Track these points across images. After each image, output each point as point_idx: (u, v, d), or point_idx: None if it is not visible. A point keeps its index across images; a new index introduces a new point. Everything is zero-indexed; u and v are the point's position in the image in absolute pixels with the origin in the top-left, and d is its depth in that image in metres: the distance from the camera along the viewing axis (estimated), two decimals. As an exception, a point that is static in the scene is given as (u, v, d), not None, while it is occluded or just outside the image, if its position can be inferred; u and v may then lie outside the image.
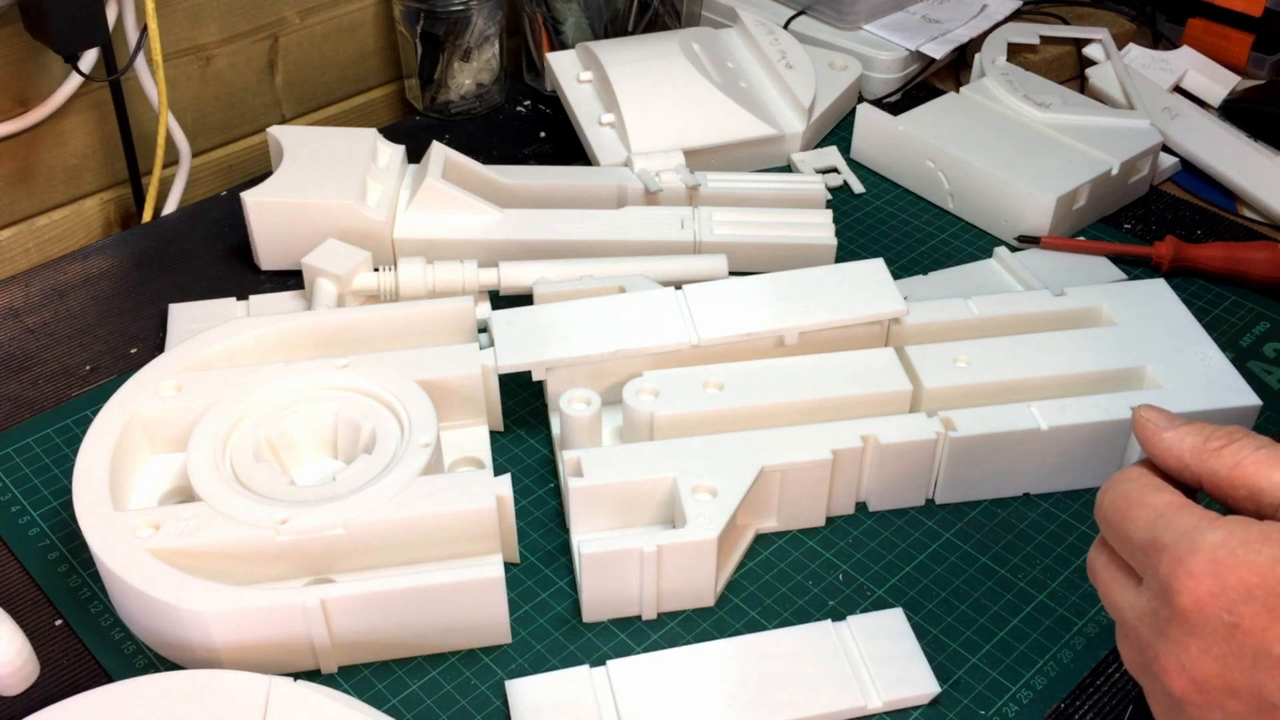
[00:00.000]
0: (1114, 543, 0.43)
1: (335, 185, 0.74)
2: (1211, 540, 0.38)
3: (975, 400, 0.63)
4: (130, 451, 0.59)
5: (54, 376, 0.70)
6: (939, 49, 0.94)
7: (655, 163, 0.80)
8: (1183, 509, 0.40)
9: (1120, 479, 0.43)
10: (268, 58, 0.92)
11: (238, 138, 0.93)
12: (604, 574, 0.55)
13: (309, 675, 0.54)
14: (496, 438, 0.66)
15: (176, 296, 0.75)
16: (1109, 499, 0.43)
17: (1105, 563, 0.44)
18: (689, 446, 0.59)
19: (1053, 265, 0.76)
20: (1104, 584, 0.43)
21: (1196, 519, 0.39)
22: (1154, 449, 0.43)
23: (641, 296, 0.66)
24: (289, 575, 0.55)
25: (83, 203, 0.87)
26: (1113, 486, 0.43)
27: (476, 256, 0.72)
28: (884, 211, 0.84)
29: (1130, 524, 0.41)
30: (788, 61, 0.89)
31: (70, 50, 0.77)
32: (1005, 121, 0.84)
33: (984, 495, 0.63)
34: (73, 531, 0.60)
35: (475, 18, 0.90)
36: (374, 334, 0.65)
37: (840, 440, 0.60)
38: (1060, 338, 0.65)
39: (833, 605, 0.58)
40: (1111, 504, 0.42)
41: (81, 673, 0.55)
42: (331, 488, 0.56)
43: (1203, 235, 0.82)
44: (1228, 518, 0.39)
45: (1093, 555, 0.45)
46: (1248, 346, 0.72)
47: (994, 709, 0.54)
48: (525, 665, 0.55)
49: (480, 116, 0.94)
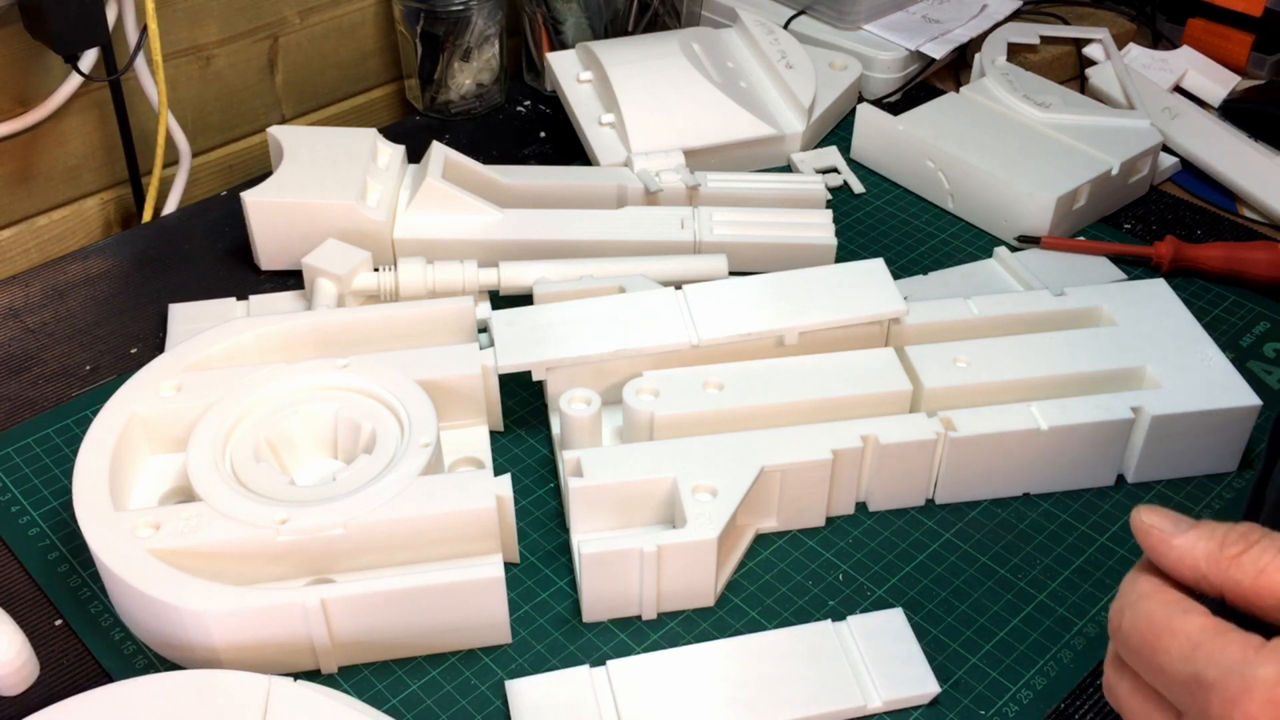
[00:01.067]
0: (1143, 673, 0.39)
1: (335, 185, 0.74)
2: (1265, 676, 0.35)
3: (975, 400, 0.63)
4: (130, 451, 0.59)
5: (54, 376, 0.70)
6: (939, 49, 0.94)
7: (655, 163, 0.80)
8: (1221, 637, 0.37)
9: (1137, 596, 0.39)
10: (268, 58, 0.92)
11: (238, 138, 0.93)
12: (604, 574, 0.55)
13: (309, 675, 0.54)
14: (496, 438, 0.66)
15: (176, 296, 0.75)
16: (1130, 623, 0.39)
17: (1131, 690, 0.40)
18: (689, 446, 0.59)
19: (1053, 265, 0.76)
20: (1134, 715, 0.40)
21: (1241, 650, 0.36)
22: (1164, 559, 0.39)
23: (641, 296, 0.66)
24: (289, 575, 0.55)
25: (83, 203, 0.87)
26: (1131, 606, 0.39)
27: (476, 256, 0.72)
28: (884, 211, 0.84)
29: (1163, 655, 0.38)
30: (788, 61, 0.89)
31: (70, 50, 0.77)
32: (1005, 121, 0.84)
33: (984, 495, 0.63)
34: (73, 531, 0.60)
35: (475, 18, 0.90)
36: (374, 334, 0.65)
37: (840, 440, 0.60)
38: (1060, 338, 0.65)
39: (833, 605, 0.58)
40: (1135, 630, 0.39)
41: (81, 673, 0.55)
42: (331, 488, 0.56)
43: (1203, 235, 0.82)
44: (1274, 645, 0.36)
45: (1111, 678, 0.41)
46: (1248, 346, 0.72)
47: (994, 709, 0.54)
48: (525, 665, 0.55)
49: (480, 116, 0.94)
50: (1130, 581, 0.41)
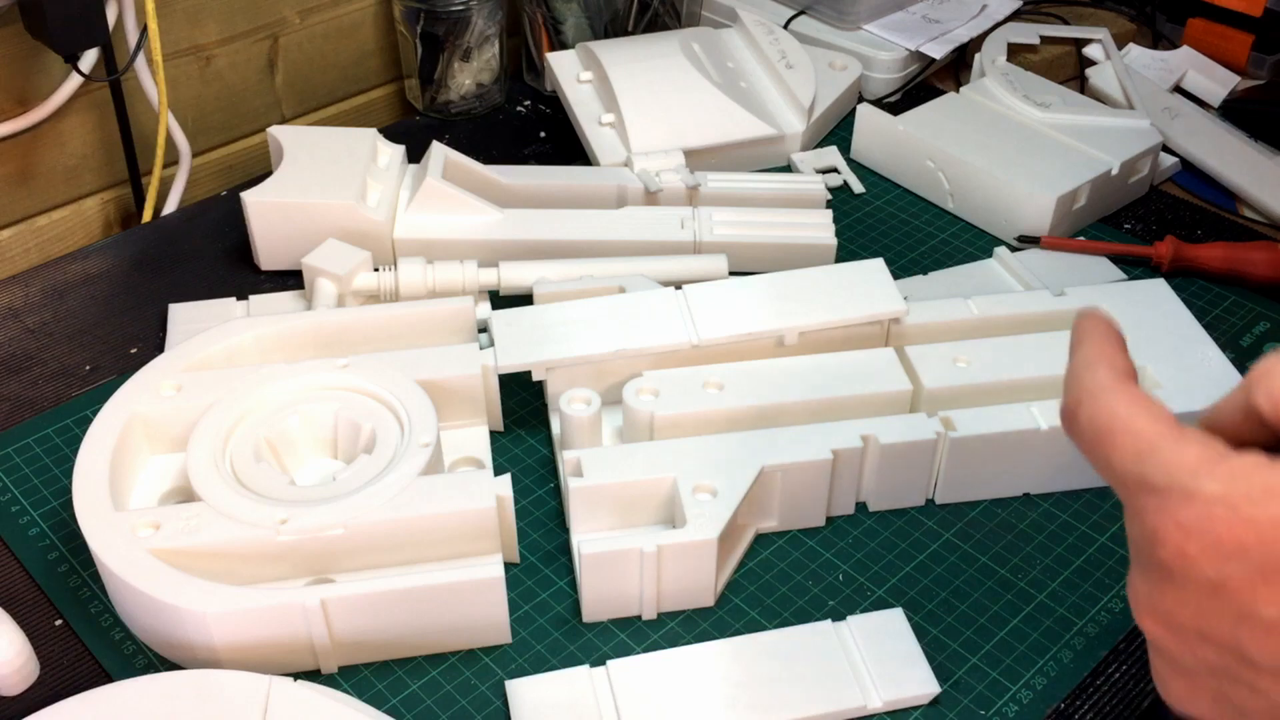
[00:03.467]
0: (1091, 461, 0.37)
1: (335, 185, 0.74)
2: (1209, 492, 0.33)
3: (975, 400, 0.63)
4: (130, 451, 0.59)
5: (54, 376, 0.70)
6: (939, 49, 0.94)
7: (655, 163, 0.80)
8: (1178, 442, 0.34)
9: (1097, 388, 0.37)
10: (268, 58, 0.92)
11: (238, 138, 0.93)
12: (604, 574, 0.55)
13: (309, 675, 0.54)
14: (496, 438, 0.66)
15: (176, 296, 0.75)
16: (1088, 416, 0.36)
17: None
18: (689, 446, 0.59)
19: (1053, 265, 0.76)
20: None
21: (1196, 459, 0.34)
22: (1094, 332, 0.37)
23: (641, 296, 0.66)
24: (289, 575, 0.55)
25: (83, 203, 0.87)
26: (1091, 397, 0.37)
27: (476, 256, 0.72)
28: (884, 211, 0.84)
29: (1116, 453, 0.35)
30: (788, 61, 0.89)
31: (70, 50, 0.77)
32: (1005, 121, 0.84)
33: (984, 495, 0.63)
34: (73, 531, 0.60)
35: (475, 18, 0.90)
36: (374, 334, 0.65)
37: (840, 440, 0.60)
38: (1060, 338, 0.65)
39: (833, 605, 0.58)
40: (1091, 423, 0.36)
41: (81, 673, 0.55)
42: (331, 488, 0.56)
43: (1203, 235, 0.82)
44: (1232, 460, 0.34)
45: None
46: (1248, 346, 0.72)
47: (994, 709, 0.54)
48: (525, 665, 0.55)
49: (480, 116, 0.94)
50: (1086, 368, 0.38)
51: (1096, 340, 0.39)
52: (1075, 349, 0.39)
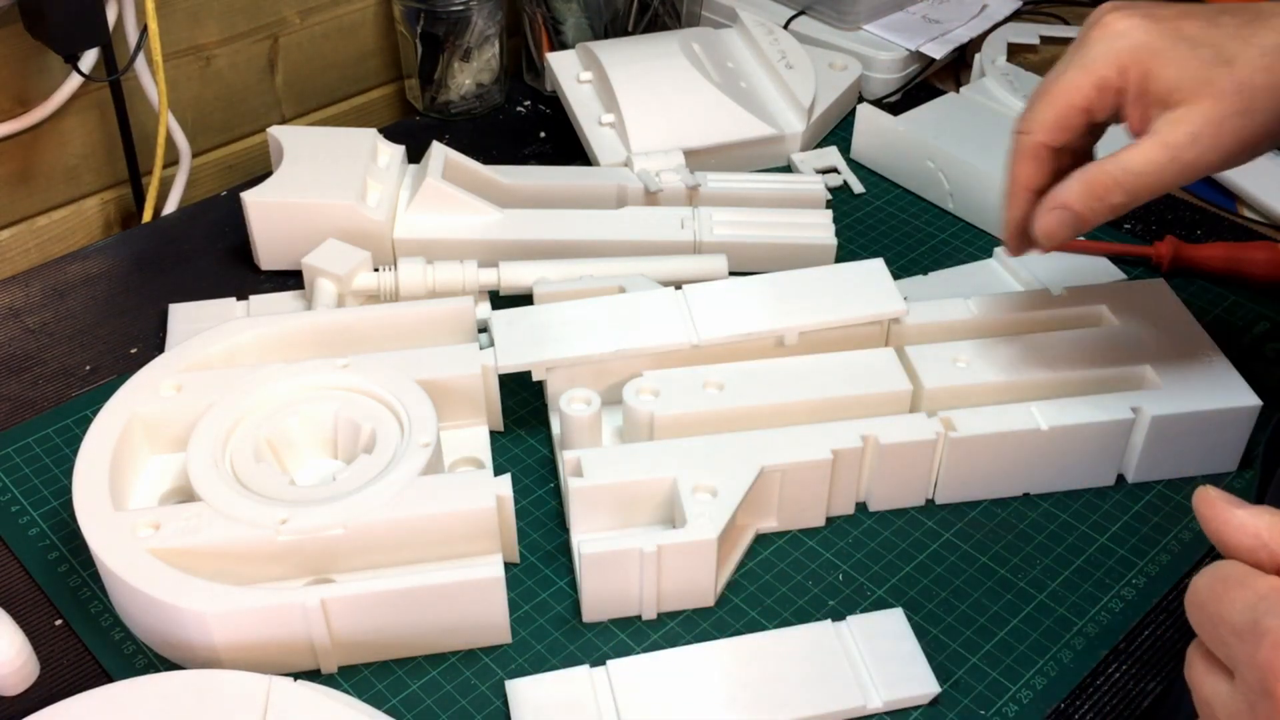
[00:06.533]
0: (1205, 628, 0.39)
1: (335, 185, 0.74)
2: None
3: (975, 400, 0.63)
4: (130, 451, 0.59)
5: (54, 376, 0.70)
6: (939, 49, 0.94)
7: (655, 163, 0.80)
8: None
9: (1216, 565, 0.39)
10: (268, 58, 0.92)
11: (238, 138, 0.93)
12: (604, 574, 0.55)
13: (309, 675, 0.54)
14: (496, 438, 0.66)
15: (176, 296, 0.75)
16: (1205, 580, 0.39)
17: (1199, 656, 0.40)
18: (689, 446, 0.59)
19: (1053, 265, 0.76)
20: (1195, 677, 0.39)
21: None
22: (1225, 527, 0.39)
23: (641, 296, 0.66)
24: (289, 575, 0.55)
25: (83, 203, 0.87)
26: (1209, 570, 0.39)
27: (476, 256, 0.72)
28: (884, 211, 0.84)
29: (1228, 605, 0.37)
30: (788, 61, 0.89)
31: (70, 50, 0.77)
32: (1005, 121, 0.84)
33: (984, 495, 0.63)
34: (73, 531, 0.60)
35: (475, 18, 0.90)
36: (374, 334, 0.65)
37: (840, 440, 0.60)
38: (1060, 338, 0.65)
39: (833, 605, 0.58)
40: (1209, 585, 0.38)
41: (81, 673, 0.55)
42: (331, 488, 0.56)
43: (1203, 235, 0.82)
44: None
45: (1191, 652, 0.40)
46: (1248, 346, 0.72)
47: (994, 709, 0.54)
48: (525, 665, 0.55)
49: (480, 116, 0.94)
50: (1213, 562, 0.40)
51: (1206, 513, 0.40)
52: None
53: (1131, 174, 0.53)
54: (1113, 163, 0.54)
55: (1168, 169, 0.53)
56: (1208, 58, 0.52)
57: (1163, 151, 0.53)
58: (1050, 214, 0.56)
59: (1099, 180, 0.54)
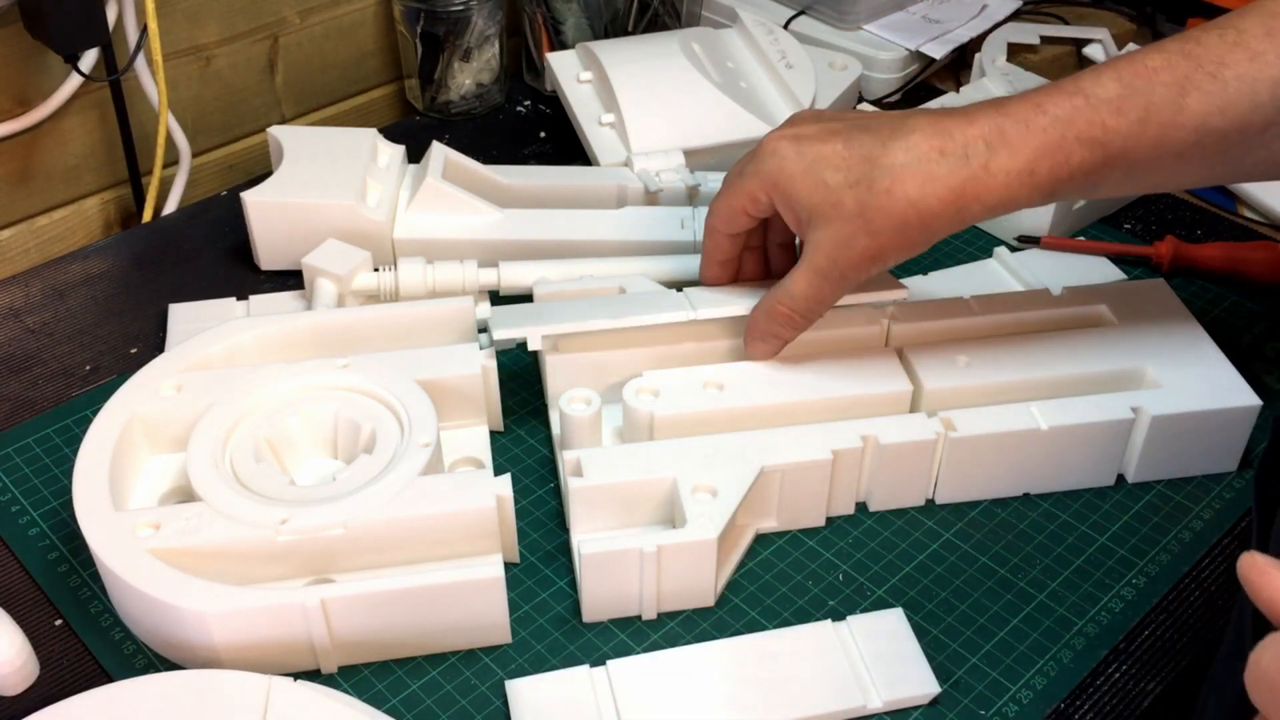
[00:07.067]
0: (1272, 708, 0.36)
1: (335, 185, 0.74)
2: None
3: (975, 400, 0.63)
4: (130, 451, 0.59)
5: (54, 376, 0.70)
6: (939, 49, 0.94)
7: (655, 163, 0.80)
8: None
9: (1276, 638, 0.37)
10: (268, 58, 0.92)
11: (238, 138, 0.93)
12: (604, 574, 0.55)
13: (309, 675, 0.54)
14: (496, 438, 0.66)
15: (176, 296, 0.75)
16: (1270, 655, 0.36)
17: None
18: (689, 446, 0.59)
19: (1053, 265, 0.76)
20: None
21: None
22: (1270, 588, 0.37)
23: (641, 296, 0.66)
24: (289, 575, 0.55)
25: (83, 203, 0.87)
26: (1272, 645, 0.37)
27: (476, 256, 0.72)
28: (884, 211, 0.83)
29: None
30: (788, 61, 0.89)
31: (70, 50, 0.77)
32: (1005, 121, 0.84)
33: (984, 495, 0.63)
34: (73, 531, 0.60)
35: (475, 18, 0.90)
36: (374, 334, 0.65)
37: (840, 440, 0.60)
38: (1060, 338, 0.65)
39: (833, 605, 0.58)
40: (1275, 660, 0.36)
41: (81, 673, 0.55)
42: (331, 488, 0.56)
43: (1203, 235, 0.82)
44: None
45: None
46: (1248, 346, 0.72)
47: (994, 709, 0.54)
48: (525, 665, 0.55)
49: (480, 116, 0.94)
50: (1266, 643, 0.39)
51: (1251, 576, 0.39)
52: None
53: (798, 300, 0.59)
54: (783, 291, 0.59)
55: (825, 289, 0.58)
56: (838, 181, 0.56)
57: (812, 277, 0.58)
58: (753, 344, 0.62)
59: (775, 310, 0.60)
